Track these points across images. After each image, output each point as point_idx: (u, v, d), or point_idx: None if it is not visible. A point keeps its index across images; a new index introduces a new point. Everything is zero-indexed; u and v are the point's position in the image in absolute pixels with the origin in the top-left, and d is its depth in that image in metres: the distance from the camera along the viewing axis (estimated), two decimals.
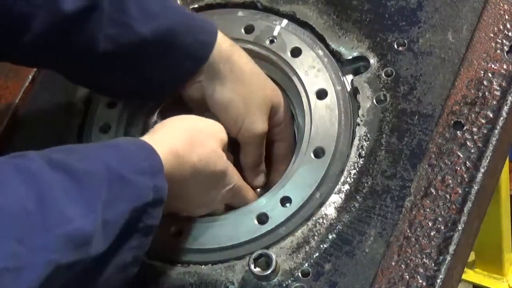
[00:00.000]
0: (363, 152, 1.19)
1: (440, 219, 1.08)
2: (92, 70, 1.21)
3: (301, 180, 1.18)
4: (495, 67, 1.16)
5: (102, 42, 1.16)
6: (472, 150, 1.12)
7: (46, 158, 0.95)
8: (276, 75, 1.30)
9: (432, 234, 1.08)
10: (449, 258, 1.06)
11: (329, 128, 1.21)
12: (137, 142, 1.05)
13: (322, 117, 1.22)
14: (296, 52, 1.28)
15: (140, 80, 1.23)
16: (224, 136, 1.17)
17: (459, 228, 1.07)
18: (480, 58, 1.17)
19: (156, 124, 1.30)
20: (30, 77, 1.37)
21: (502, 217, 1.99)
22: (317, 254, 1.13)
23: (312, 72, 1.26)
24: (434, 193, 1.10)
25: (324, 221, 1.15)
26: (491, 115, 1.13)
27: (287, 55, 1.28)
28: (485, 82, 1.15)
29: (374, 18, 1.28)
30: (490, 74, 1.16)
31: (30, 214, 0.88)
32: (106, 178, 0.97)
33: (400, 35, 1.25)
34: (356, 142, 1.19)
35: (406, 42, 1.25)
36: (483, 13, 1.20)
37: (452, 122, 1.14)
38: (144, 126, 1.34)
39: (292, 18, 1.32)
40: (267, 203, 1.18)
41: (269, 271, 1.10)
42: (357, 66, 1.27)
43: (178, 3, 1.37)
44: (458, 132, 1.13)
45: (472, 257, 2.23)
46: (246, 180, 1.26)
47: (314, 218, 1.16)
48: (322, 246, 1.14)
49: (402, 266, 1.07)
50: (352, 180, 1.17)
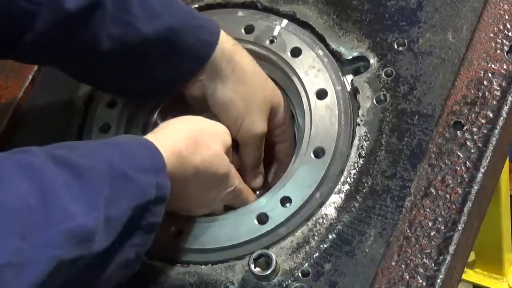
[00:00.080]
0: (363, 152, 1.19)
1: (440, 219, 1.08)
2: (94, 68, 1.21)
3: (301, 180, 1.18)
4: (495, 67, 1.16)
5: (104, 41, 1.16)
6: (472, 150, 1.12)
7: (49, 154, 0.95)
8: (276, 75, 1.30)
9: (432, 234, 1.08)
10: (449, 258, 1.06)
11: (329, 128, 1.21)
12: (138, 140, 1.05)
13: (322, 117, 1.22)
14: (296, 52, 1.28)
15: (142, 78, 1.23)
16: (228, 138, 1.17)
17: (459, 228, 1.07)
18: (480, 58, 1.17)
19: (156, 124, 1.30)
20: (30, 77, 1.37)
21: (502, 217, 1.98)
22: (317, 254, 1.13)
23: (312, 72, 1.26)
24: (434, 193, 1.10)
25: (324, 221, 1.15)
26: (491, 115, 1.13)
27: (287, 55, 1.28)
28: (485, 82, 1.15)
29: (374, 18, 1.28)
30: (490, 74, 1.16)
31: (33, 210, 0.88)
32: (108, 175, 0.97)
33: (400, 35, 1.25)
34: (356, 142, 1.19)
35: (406, 42, 1.25)
36: (483, 13, 1.20)
37: (452, 122, 1.14)
38: (144, 126, 1.34)
39: (292, 18, 1.32)
40: (267, 203, 1.18)
41: (269, 271, 1.10)
42: (357, 66, 1.27)
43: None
44: (458, 132, 1.13)
45: (472, 257, 2.23)
46: (244, 181, 1.26)
47: (314, 218, 1.16)
48: (322, 246, 1.14)
49: (402, 266, 1.07)
50: (352, 180, 1.17)
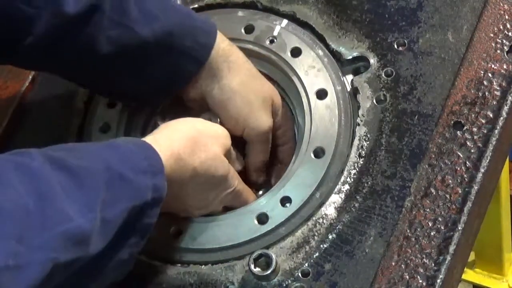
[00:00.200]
0: (363, 152, 1.19)
1: (440, 219, 1.08)
2: (94, 72, 1.21)
3: (301, 180, 1.18)
4: (495, 67, 1.16)
5: (103, 44, 1.16)
6: (472, 150, 1.12)
7: (47, 156, 0.95)
8: (276, 75, 1.30)
9: (432, 234, 1.08)
10: (449, 258, 1.06)
11: (329, 128, 1.21)
12: (137, 142, 1.05)
13: (322, 117, 1.22)
14: (296, 52, 1.28)
15: (141, 82, 1.23)
16: (227, 140, 1.17)
17: (459, 228, 1.07)
18: (480, 58, 1.17)
19: (156, 124, 1.30)
20: (30, 77, 1.37)
21: (502, 217, 1.98)
22: (317, 254, 1.13)
23: (312, 72, 1.26)
24: (434, 193, 1.10)
25: (324, 221, 1.15)
26: (491, 115, 1.13)
27: (287, 55, 1.28)
28: (485, 82, 1.15)
29: (374, 18, 1.28)
30: (490, 74, 1.16)
31: (30, 212, 0.88)
32: (106, 177, 0.97)
33: (400, 35, 1.25)
34: (356, 142, 1.19)
35: (406, 42, 1.25)
36: (483, 13, 1.20)
37: (452, 122, 1.14)
38: (144, 126, 1.34)
39: (292, 18, 1.32)
40: (267, 203, 1.18)
41: (269, 271, 1.10)
42: (357, 66, 1.27)
43: (179, 3, 1.37)
44: (458, 132, 1.13)
45: (472, 257, 2.23)
46: (248, 178, 1.26)
47: (314, 218, 1.16)
48: (322, 246, 1.14)
49: (402, 266, 1.07)
50: (352, 180, 1.17)
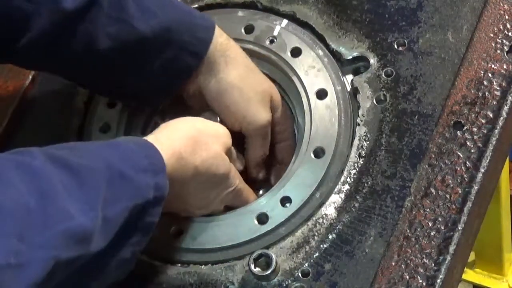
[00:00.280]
0: (363, 152, 1.19)
1: (440, 219, 1.08)
2: (93, 70, 1.21)
3: (301, 180, 1.18)
4: (495, 67, 1.16)
5: (102, 40, 1.16)
6: (472, 150, 1.12)
7: (48, 155, 0.95)
8: (276, 75, 1.30)
9: (432, 234, 1.08)
10: (449, 258, 1.06)
11: (329, 128, 1.21)
12: (138, 141, 1.06)
13: (322, 117, 1.22)
14: (296, 52, 1.28)
15: (141, 79, 1.22)
16: (228, 139, 1.17)
17: (459, 228, 1.07)
18: (480, 58, 1.17)
19: (156, 124, 1.30)
20: (30, 77, 1.37)
21: (502, 217, 1.98)
22: (317, 254, 1.13)
23: (312, 72, 1.26)
24: (434, 193, 1.10)
25: (324, 221, 1.15)
26: (491, 115, 1.13)
27: (287, 55, 1.28)
28: (485, 82, 1.15)
29: (374, 18, 1.28)
30: (490, 74, 1.16)
31: (31, 211, 0.89)
32: (106, 175, 0.97)
33: (400, 35, 1.25)
34: (356, 142, 1.19)
35: (406, 42, 1.25)
36: (483, 13, 1.20)
37: (452, 122, 1.14)
38: (144, 126, 1.34)
39: (292, 18, 1.32)
40: (267, 203, 1.18)
41: (269, 271, 1.10)
42: (357, 66, 1.27)
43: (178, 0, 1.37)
44: (458, 132, 1.13)
45: (472, 257, 2.23)
46: (249, 175, 1.26)
47: (314, 218, 1.16)
48: (322, 246, 1.14)
49: (402, 266, 1.07)
50: (352, 180, 1.17)
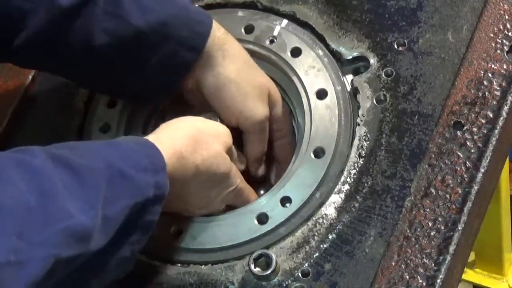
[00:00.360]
0: (363, 152, 1.19)
1: (440, 219, 1.08)
2: (92, 69, 1.21)
3: (301, 180, 1.18)
4: (495, 67, 1.16)
5: (98, 36, 1.16)
6: (472, 150, 1.12)
7: (49, 153, 0.96)
8: (276, 75, 1.30)
9: (432, 234, 1.08)
10: (449, 258, 1.06)
11: (329, 128, 1.21)
12: (138, 140, 1.06)
13: (322, 117, 1.22)
14: (296, 52, 1.28)
15: (140, 76, 1.22)
16: (229, 138, 1.17)
17: (459, 228, 1.07)
18: (480, 58, 1.17)
19: (156, 124, 1.30)
20: (30, 77, 1.37)
21: (502, 217, 1.98)
22: (317, 254, 1.13)
23: (312, 72, 1.26)
24: (434, 193, 1.10)
25: (324, 221, 1.15)
26: (491, 115, 1.13)
27: (287, 55, 1.28)
28: (485, 82, 1.15)
29: (374, 18, 1.28)
30: (490, 74, 1.16)
31: (32, 209, 0.89)
32: (107, 174, 0.97)
33: (400, 35, 1.25)
34: (356, 142, 1.19)
35: (406, 42, 1.25)
36: (483, 13, 1.20)
37: (452, 122, 1.14)
38: (144, 126, 1.34)
39: (292, 18, 1.32)
40: (267, 203, 1.18)
41: (269, 271, 1.10)
42: (357, 66, 1.27)
43: None
44: (458, 132, 1.13)
45: (472, 257, 2.23)
46: (248, 171, 1.26)
47: (314, 218, 1.16)
48: (322, 246, 1.14)
49: (402, 266, 1.07)
50: (352, 180, 1.17)
